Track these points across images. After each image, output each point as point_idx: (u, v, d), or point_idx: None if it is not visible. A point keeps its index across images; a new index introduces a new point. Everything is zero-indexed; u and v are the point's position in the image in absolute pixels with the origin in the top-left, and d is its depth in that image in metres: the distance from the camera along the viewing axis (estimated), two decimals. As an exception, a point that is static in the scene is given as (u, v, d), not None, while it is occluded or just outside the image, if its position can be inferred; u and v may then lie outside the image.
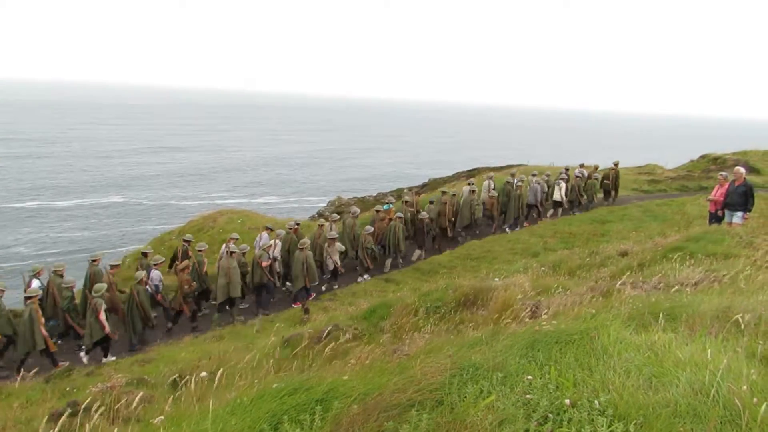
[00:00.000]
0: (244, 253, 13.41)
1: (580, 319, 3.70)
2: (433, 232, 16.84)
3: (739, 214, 11.98)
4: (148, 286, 12.20)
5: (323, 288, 14.29)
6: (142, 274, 11.78)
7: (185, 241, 14.48)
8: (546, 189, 18.99)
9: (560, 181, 18.94)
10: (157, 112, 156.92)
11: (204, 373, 4.88)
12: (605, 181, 20.70)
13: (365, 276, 14.93)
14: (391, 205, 17.53)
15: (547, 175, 19.88)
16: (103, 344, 11.14)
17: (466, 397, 2.70)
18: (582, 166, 21.12)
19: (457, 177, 31.50)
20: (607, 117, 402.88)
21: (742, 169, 12.50)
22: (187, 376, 5.18)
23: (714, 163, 29.09)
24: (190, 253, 13.79)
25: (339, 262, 14.30)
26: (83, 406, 4.27)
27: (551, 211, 19.31)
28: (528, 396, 2.65)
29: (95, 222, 37.37)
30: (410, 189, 15.54)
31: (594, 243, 14.37)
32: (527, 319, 4.72)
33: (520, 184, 18.57)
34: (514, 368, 2.90)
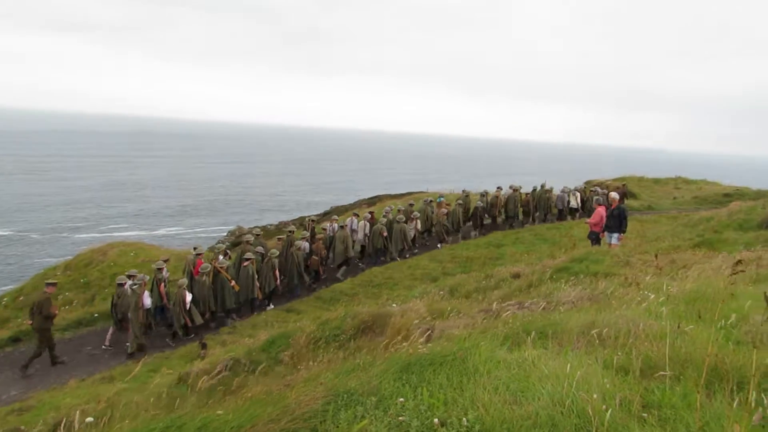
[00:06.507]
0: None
1: (455, 340, 3.87)
2: (484, 219, 21.34)
3: (616, 235, 13.01)
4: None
5: (407, 255, 18.46)
6: (301, 243, 15.95)
7: (311, 220, 19.86)
8: (568, 198, 23.10)
9: (576, 192, 23.49)
10: (55, 139, 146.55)
11: (89, 419, 4.59)
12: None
13: (439, 245, 19.54)
14: (442, 198, 22.32)
15: (568, 189, 23.92)
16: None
17: (340, 423, 2.73)
18: (600, 185, 25.85)
19: (358, 205, 32.28)
20: (501, 144, 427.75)
21: (615, 195, 13.65)
22: (68, 423, 4.84)
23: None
24: (315, 230, 18.46)
25: (418, 235, 19.52)
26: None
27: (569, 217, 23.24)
28: (401, 418, 2.72)
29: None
30: (311, 220, 19.22)
31: (490, 266, 14.94)
32: (408, 342, 4.83)
33: (549, 189, 23.12)
34: (389, 391, 2.97)
